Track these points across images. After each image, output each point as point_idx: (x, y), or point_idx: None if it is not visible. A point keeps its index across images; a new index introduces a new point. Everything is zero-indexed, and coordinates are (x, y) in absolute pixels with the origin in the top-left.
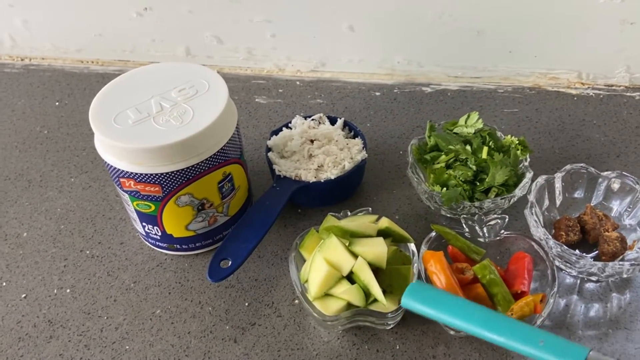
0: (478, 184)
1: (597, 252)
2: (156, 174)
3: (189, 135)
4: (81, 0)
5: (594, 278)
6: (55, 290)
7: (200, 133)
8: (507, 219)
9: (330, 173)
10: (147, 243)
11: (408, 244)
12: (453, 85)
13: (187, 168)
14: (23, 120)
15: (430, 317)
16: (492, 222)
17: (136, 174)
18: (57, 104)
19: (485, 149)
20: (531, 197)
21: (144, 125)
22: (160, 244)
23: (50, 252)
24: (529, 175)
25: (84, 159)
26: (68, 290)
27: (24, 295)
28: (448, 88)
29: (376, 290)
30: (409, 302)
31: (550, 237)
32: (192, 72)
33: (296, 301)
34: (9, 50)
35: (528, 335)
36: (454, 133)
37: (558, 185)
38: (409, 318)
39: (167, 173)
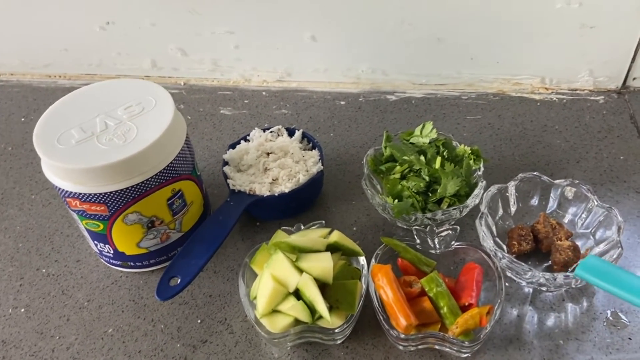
0: (431, 194)
1: (550, 262)
2: (100, 194)
3: (130, 154)
4: (46, 16)
5: (544, 288)
6: (10, 310)
7: (143, 151)
8: (458, 230)
9: (285, 186)
10: (102, 261)
11: (358, 257)
12: (418, 93)
13: (132, 187)
14: None
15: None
16: (444, 234)
17: (80, 194)
18: (22, 119)
19: (439, 159)
20: (482, 208)
21: (86, 145)
22: (113, 261)
23: (7, 271)
24: (481, 184)
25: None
26: (22, 310)
27: None
28: (413, 96)
29: (321, 306)
30: (584, 274)
31: (500, 248)
32: (141, 89)
33: (248, 317)
34: None
35: None
36: (410, 143)
37: (512, 193)
38: (360, 332)
39: (111, 192)
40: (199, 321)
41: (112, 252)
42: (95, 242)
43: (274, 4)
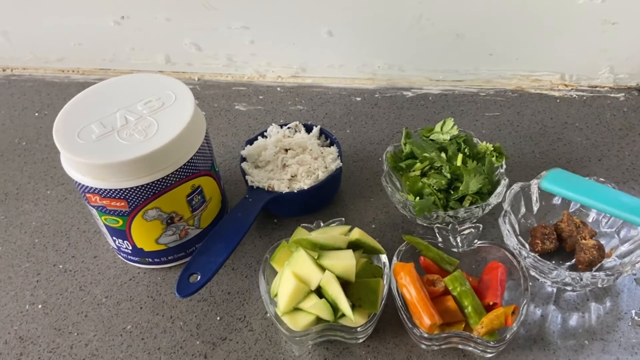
0: (452, 192)
1: (574, 260)
2: (121, 189)
3: (152, 150)
4: (60, 10)
5: (569, 288)
6: (27, 306)
7: (164, 147)
8: (481, 228)
9: (304, 183)
10: (120, 257)
11: (380, 255)
12: (435, 89)
13: (153, 182)
14: (2, 132)
15: (569, 198)
16: (466, 232)
17: (101, 189)
18: (36, 114)
19: (460, 156)
20: (505, 206)
21: (107, 140)
22: (132, 257)
23: (24, 267)
24: (503, 182)
25: (61, 170)
26: (40, 306)
27: None
28: (430, 92)
29: (344, 304)
30: (547, 185)
31: (523, 246)
32: (160, 84)
33: (268, 315)
34: None
35: None
36: (430, 140)
37: (535, 192)
38: (381, 331)
39: (131, 188)
40: (218, 318)
41: (130, 248)
42: (114, 238)
43: None
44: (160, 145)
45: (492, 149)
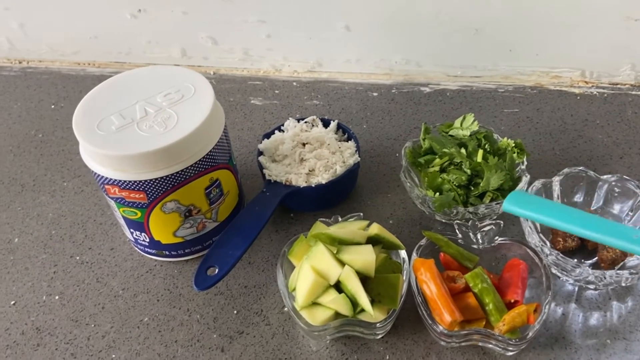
0: (473, 188)
1: (596, 258)
2: (140, 181)
3: (172, 142)
4: (77, 3)
5: (592, 286)
6: (44, 297)
7: (184, 139)
8: (502, 225)
9: (322, 177)
10: (136, 249)
11: (399, 251)
12: (452, 85)
13: (172, 175)
14: (19, 123)
15: (532, 219)
16: (487, 228)
17: (120, 180)
18: (52, 107)
19: (480, 152)
20: None
21: (127, 132)
22: (149, 250)
23: (41, 258)
24: (525, 179)
25: (77, 162)
26: (57, 297)
27: (13, 302)
28: (447, 88)
29: (363, 299)
30: (510, 207)
31: (545, 244)
32: (179, 76)
33: (285, 309)
34: (6, 53)
35: (623, 232)
36: (450, 135)
37: (556, 189)
38: (400, 327)
39: (151, 180)
40: (235, 312)
41: (148, 240)
42: (132, 230)
43: None
44: (180, 137)
45: (514, 145)
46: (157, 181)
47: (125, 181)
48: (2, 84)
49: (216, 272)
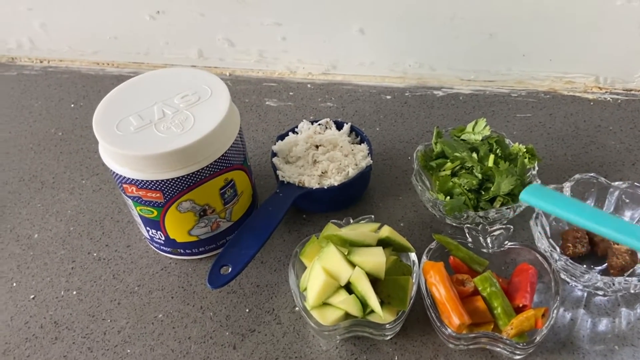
0: (483, 192)
1: (606, 265)
2: (157, 181)
3: (189, 143)
4: (97, 4)
5: (600, 292)
6: (62, 292)
7: (201, 140)
8: (512, 230)
9: (334, 180)
10: (152, 247)
11: (409, 253)
12: (465, 89)
13: (188, 175)
14: (39, 122)
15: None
16: (497, 233)
17: (138, 180)
18: (72, 105)
19: (492, 157)
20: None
21: (145, 132)
22: (164, 248)
23: (59, 254)
24: (536, 184)
25: (96, 161)
26: (74, 292)
27: (32, 296)
28: (460, 92)
29: (373, 301)
30: (528, 198)
31: (555, 249)
32: (196, 78)
33: (296, 308)
34: (28, 52)
35: (632, 229)
36: (461, 140)
37: (567, 194)
38: (409, 328)
39: (167, 180)
40: (247, 310)
41: (163, 238)
42: (148, 228)
43: None
44: (197, 138)
45: (525, 150)
46: (173, 181)
47: (142, 180)
48: (24, 83)
49: (229, 270)
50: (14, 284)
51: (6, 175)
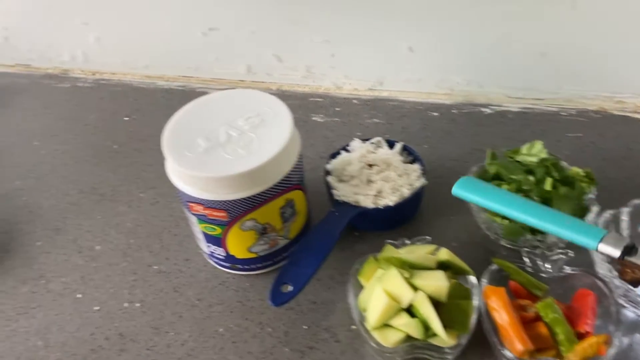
0: None
1: None
2: (223, 201)
3: (255, 166)
4: (152, 20)
5: None
6: (125, 304)
7: (266, 163)
8: (571, 254)
9: (389, 200)
10: (210, 261)
11: (467, 276)
12: (514, 107)
13: (253, 196)
14: (95, 134)
15: (479, 204)
16: (555, 257)
17: (205, 199)
18: (125, 118)
19: (549, 180)
20: None
21: (213, 154)
22: (223, 263)
23: (121, 266)
24: (594, 209)
25: (151, 174)
26: (138, 305)
27: (97, 308)
28: (509, 109)
29: (437, 325)
30: (459, 191)
31: (614, 274)
32: (258, 100)
33: (353, 327)
34: (81, 65)
35: (559, 219)
36: (516, 161)
37: (625, 219)
38: (469, 353)
39: (233, 200)
40: (304, 327)
41: (224, 254)
42: (209, 244)
43: (375, 15)
44: (262, 161)
45: (584, 174)
46: (238, 202)
47: (209, 200)
48: (78, 95)
49: (290, 289)
50: (79, 295)
51: (66, 186)
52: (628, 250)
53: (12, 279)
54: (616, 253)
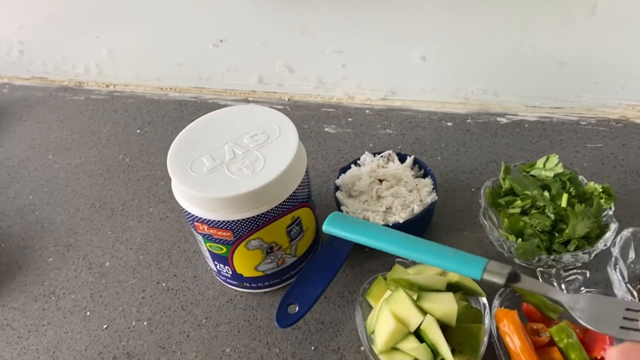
0: (557, 234)
1: None
2: (228, 221)
3: (260, 185)
4: (164, 33)
5: None
6: (133, 322)
7: (271, 183)
8: (588, 275)
9: (399, 216)
10: (218, 279)
11: (479, 297)
12: (531, 116)
13: (258, 215)
14: (108, 147)
15: (353, 240)
16: (571, 278)
17: (210, 220)
18: (138, 131)
19: (565, 196)
20: (615, 252)
21: (217, 174)
22: (230, 281)
23: (130, 283)
24: (613, 227)
25: (162, 188)
26: (145, 323)
27: (105, 326)
28: (525, 119)
29: (445, 351)
30: (329, 228)
31: (633, 296)
32: (264, 117)
33: (362, 348)
34: (95, 77)
35: (439, 251)
36: (531, 175)
37: None
38: None
39: (238, 220)
40: (312, 348)
41: (230, 273)
42: (216, 262)
43: (386, 24)
44: (267, 181)
45: (601, 190)
46: (243, 221)
47: (214, 220)
48: (92, 107)
49: (297, 309)
50: (88, 313)
51: (78, 201)
52: (512, 278)
53: (24, 296)
54: (501, 281)
